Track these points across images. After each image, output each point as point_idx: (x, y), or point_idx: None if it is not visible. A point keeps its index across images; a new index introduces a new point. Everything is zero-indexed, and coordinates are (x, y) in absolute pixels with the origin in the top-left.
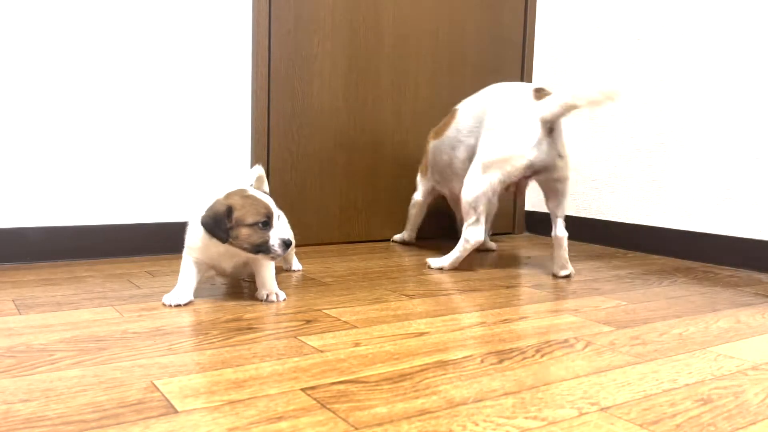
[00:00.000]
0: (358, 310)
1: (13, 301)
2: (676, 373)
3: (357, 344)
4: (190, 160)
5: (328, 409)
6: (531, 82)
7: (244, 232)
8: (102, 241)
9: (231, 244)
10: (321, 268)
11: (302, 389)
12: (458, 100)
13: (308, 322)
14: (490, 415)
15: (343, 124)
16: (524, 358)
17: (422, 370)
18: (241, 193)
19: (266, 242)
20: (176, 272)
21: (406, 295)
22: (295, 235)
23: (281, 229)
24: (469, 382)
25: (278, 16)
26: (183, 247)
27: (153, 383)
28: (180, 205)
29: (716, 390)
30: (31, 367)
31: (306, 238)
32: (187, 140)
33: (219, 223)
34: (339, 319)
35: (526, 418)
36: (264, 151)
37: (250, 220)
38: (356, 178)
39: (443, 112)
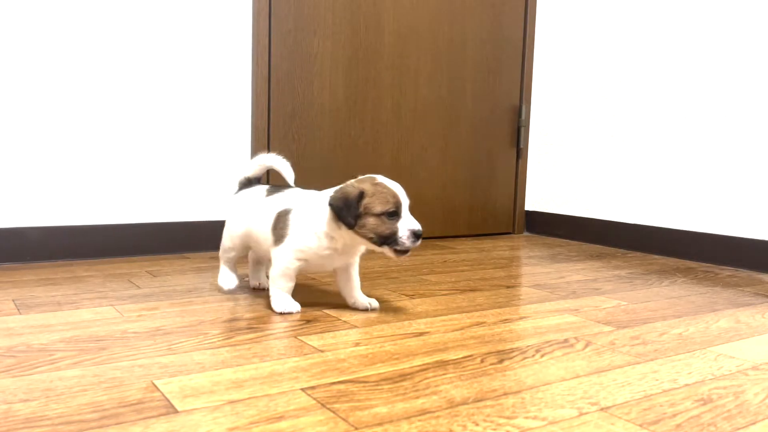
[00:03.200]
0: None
1: (13, 301)
2: (676, 373)
3: (357, 344)
4: (191, 160)
5: (329, 408)
6: (531, 82)
7: (371, 221)
8: (102, 241)
9: (356, 232)
10: None
11: (302, 389)
12: (458, 100)
13: (308, 322)
14: (490, 415)
15: (343, 124)
16: (524, 358)
17: (422, 370)
18: (371, 180)
19: (394, 234)
20: (177, 272)
21: (406, 295)
22: None
23: (411, 219)
24: (469, 382)
25: (278, 16)
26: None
27: (153, 383)
28: (180, 205)
29: (716, 390)
30: (31, 367)
31: None
32: (188, 140)
33: (350, 207)
34: (339, 319)
35: (526, 418)
36: (264, 151)
37: (378, 209)
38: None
39: (443, 112)
